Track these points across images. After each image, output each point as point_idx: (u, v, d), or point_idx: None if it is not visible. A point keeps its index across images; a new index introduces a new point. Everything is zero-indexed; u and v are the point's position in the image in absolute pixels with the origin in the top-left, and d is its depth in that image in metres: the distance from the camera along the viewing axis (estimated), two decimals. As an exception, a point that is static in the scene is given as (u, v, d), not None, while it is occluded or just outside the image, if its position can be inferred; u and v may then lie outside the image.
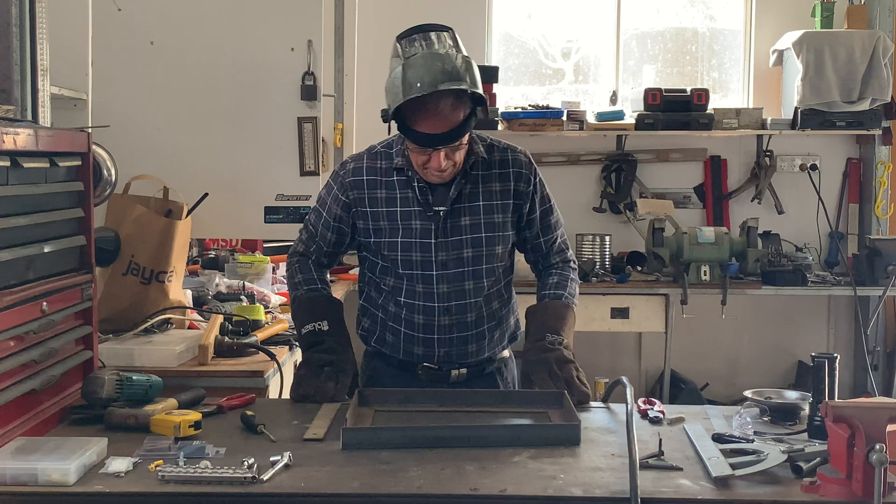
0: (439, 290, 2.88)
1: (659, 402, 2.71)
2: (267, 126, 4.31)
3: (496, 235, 2.89)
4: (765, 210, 6.67)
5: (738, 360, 6.79)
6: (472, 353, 2.95)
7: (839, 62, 6.20)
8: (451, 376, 2.95)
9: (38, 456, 2.11)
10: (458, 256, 2.87)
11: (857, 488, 1.96)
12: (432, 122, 2.65)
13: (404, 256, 2.86)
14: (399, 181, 2.88)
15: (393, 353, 2.98)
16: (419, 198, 2.85)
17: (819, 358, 2.42)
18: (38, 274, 2.44)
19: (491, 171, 2.89)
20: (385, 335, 2.97)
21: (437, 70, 2.60)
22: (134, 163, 3.92)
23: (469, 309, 2.91)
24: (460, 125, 2.68)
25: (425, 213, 2.85)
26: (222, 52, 4.31)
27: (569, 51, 7.09)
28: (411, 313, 2.91)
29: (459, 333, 2.91)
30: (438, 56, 2.63)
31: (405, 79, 2.61)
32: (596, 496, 2.03)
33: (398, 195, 2.87)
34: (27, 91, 2.91)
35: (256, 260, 4.73)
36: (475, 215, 2.87)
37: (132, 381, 2.56)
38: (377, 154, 2.94)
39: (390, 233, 2.87)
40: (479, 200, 2.87)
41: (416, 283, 2.88)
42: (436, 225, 2.85)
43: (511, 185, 2.90)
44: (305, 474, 2.12)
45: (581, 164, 6.71)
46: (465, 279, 2.89)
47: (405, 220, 2.86)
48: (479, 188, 2.88)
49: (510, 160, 2.93)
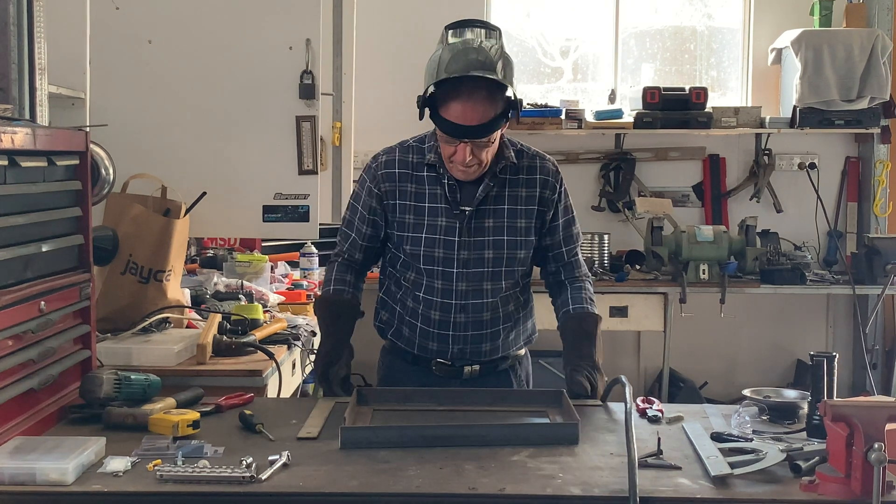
0: (458, 288, 2.91)
1: (658, 400, 2.71)
2: (265, 125, 4.30)
3: (518, 240, 2.92)
4: (763, 209, 6.67)
5: (736, 359, 6.79)
6: (486, 351, 2.99)
7: (838, 61, 6.19)
8: (463, 372, 2.98)
9: (36, 455, 2.11)
10: (479, 256, 2.90)
11: (856, 487, 1.96)
12: (462, 112, 2.70)
13: (427, 252, 2.90)
14: (429, 177, 2.92)
15: (408, 347, 3.02)
16: (447, 195, 2.88)
17: (818, 357, 2.42)
18: (36, 273, 2.44)
19: (518, 177, 2.94)
20: (402, 329, 3.02)
21: (473, 59, 2.67)
22: (132, 162, 3.92)
23: (485, 308, 2.94)
24: (490, 122, 2.72)
25: (451, 210, 2.89)
26: (220, 50, 4.30)
27: (567, 49, 7.09)
28: (428, 309, 2.94)
29: (474, 332, 2.95)
30: (479, 48, 2.70)
31: (442, 60, 2.69)
32: (595, 495, 2.03)
33: (427, 191, 2.91)
34: (25, 90, 2.91)
35: (255, 259, 4.73)
36: (499, 218, 2.91)
37: (130, 380, 2.56)
38: (409, 148, 2.97)
39: (415, 227, 2.91)
40: (504, 204, 2.91)
41: (436, 279, 2.92)
42: (461, 224, 2.88)
43: (537, 191, 2.94)
44: (304, 473, 2.12)
45: (580, 163, 6.70)
46: (485, 279, 2.92)
47: (431, 217, 2.90)
48: (506, 192, 2.92)
49: (538, 167, 2.97)
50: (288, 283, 4.84)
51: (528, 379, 3.15)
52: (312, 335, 3.82)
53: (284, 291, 4.58)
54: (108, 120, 3.56)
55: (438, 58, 2.71)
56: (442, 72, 2.68)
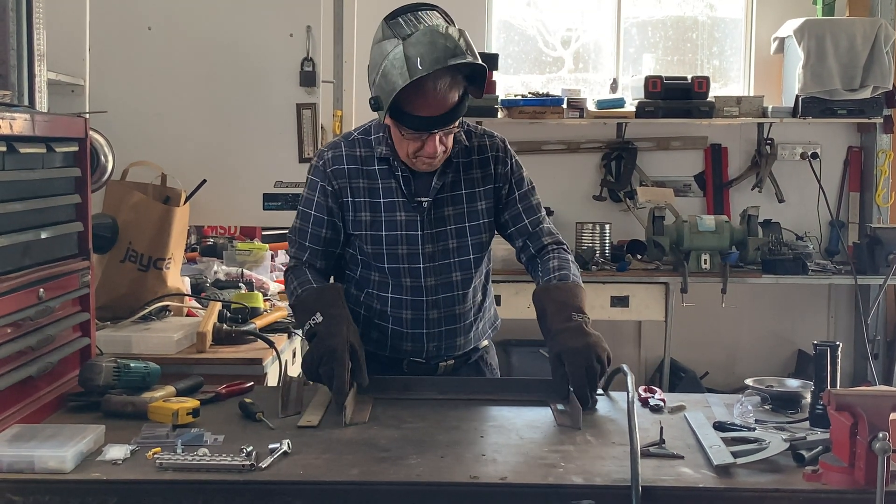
0: (427, 284, 2.79)
1: (659, 390, 2.70)
2: (265, 112, 4.29)
3: (480, 223, 2.82)
4: (765, 198, 6.66)
5: (737, 349, 6.79)
6: (461, 345, 2.89)
7: (840, 50, 6.18)
8: (438, 368, 2.89)
9: (34, 443, 2.10)
10: (444, 247, 2.78)
11: (860, 476, 1.95)
12: (430, 105, 2.56)
13: (390, 250, 2.76)
14: (381, 170, 2.76)
15: (378, 350, 2.86)
16: (402, 188, 2.75)
17: (821, 346, 2.40)
18: (34, 260, 2.42)
19: (471, 158, 2.80)
20: (370, 332, 2.84)
21: (440, 47, 2.48)
22: (132, 149, 3.91)
23: (457, 301, 2.83)
24: (456, 105, 2.60)
25: (409, 204, 2.75)
26: (221, 37, 4.29)
27: (568, 39, 7.07)
28: (398, 309, 2.82)
29: (448, 326, 2.85)
30: (439, 33, 2.50)
31: (408, 58, 2.47)
32: (596, 484, 2.02)
33: (381, 185, 2.76)
34: (24, 76, 2.89)
35: (255, 247, 4.72)
36: (458, 204, 2.78)
37: (130, 368, 2.55)
38: (355, 141, 2.80)
39: (373, 225, 2.76)
40: (461, 189, 2.78)
41: (403, 277, 2.79)
42: (420, 216, 2.75)
43: (490, 169, 2.82)
44: (304, 462, 2.11)
45: (581, 153, 6.69)
46: (453, 270, 2.81)
47: (389, 212, 2.76)
48: (461, 176, 2.79)
49: (487, 145, 2.84)
50: (288, 272, 4.83)
51: (497, 368, 3.07)
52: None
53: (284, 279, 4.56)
54: (107, 107, 3.56)
55: (402, 55, 2.48)
56: (416, 69, 2.46)
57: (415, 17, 2.55)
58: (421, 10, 2.59)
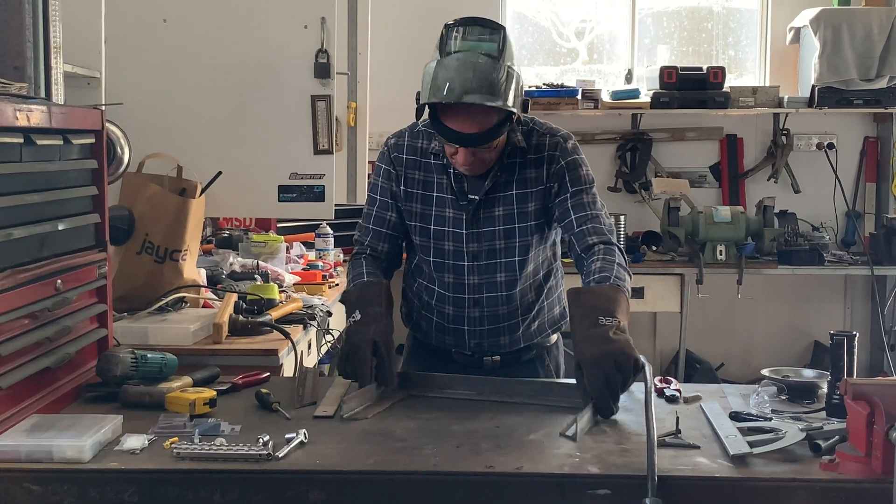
0: (470, 282, 2.81)
1: (675, 380, 2.69)
2: (280, 104, 4.29)
3: (528, 225, 2.78)
4: (781, 189, 6.64)
5: (753, 340, 6.78)
6: (505, 344, 2.89)
7: (857, 39, 6.14)
8: (484, 363, 2.90)
9: (53, 433, 2.11)
10: (490, 248, 2.79)
11: (877, 466, 1.95)
12: (461, 122, 2.55)
13: (437, 245, 2.80)
14: (436, 165, 2.80)
15: (426, 339, 2.96)
16: (454, 185, 2.76)
17: (838, 336, 2.40)
18: (52, 251, 2.43)
19: (527, 158, 2.77)
20: (420, 322, 2.96)
21: (465, 79, 2.47)
22: (147, 141, 3.91)
23: (500, 302, 2.83)
24: (490, 130, 2.57)
25: (458, 202, 2.77)
26: (236, 29, 4.29)
27: (582, 31, 7.05)
28: (442, 304, 2.86)
29: (490, 326, 2.85)
30: (474, 64, 2.48)
31: (435, 79, 2.51)
32: (613, 474, 2.02)
33: (434, 179, 2.80)
34: (40, 69, 2.89)
35: (270, 239, 4.73)
36: (508, 205, 2.77)
37: (147, 359, 2.56)
38: (419, 133, 2.84)
39: (422, 217, 2.81)
40: (512, 189, 2.76)
41: (447, 272, 2.82)
42: (466, 215, 2.76)
43: (544, 169, 2.77)
44: (320, 452, 2.12)
45: (596, 143, 6.67)
46: (497, 271, 2.81)
47: (438, 207, 2.79)
48: (515, 177, 2.76)
49: (546, 144, 2.79)
50: (303, 264, 4.84)
51: (557, 368, 3.02)
52: (328, 315, 3.81)
53: (300, 272, 4.58)
54: (123, 99, 3.55)
55: (433, 71, 2.52)
56: (435, 92, 2.50)
57: (463, 35, 2.53)
58: (480, 26, 2.56)
